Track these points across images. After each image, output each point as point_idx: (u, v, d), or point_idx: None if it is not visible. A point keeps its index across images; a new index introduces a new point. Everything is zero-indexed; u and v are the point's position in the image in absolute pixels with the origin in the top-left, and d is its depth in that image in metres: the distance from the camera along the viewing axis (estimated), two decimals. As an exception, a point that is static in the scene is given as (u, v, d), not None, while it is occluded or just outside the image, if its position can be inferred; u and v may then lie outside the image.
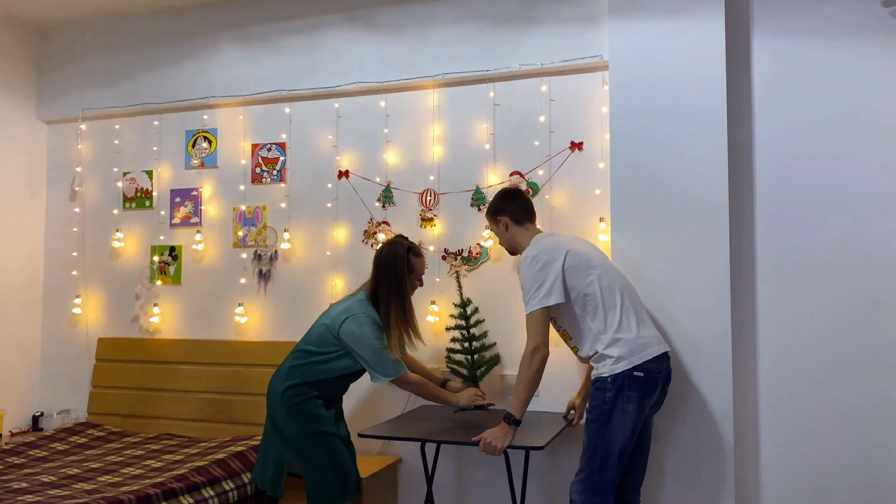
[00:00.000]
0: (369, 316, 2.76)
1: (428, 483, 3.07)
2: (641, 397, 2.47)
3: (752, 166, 2.99)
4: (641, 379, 2.46)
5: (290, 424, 2.74)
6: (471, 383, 3.17)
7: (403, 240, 2.90)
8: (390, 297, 2.78)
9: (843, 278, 2.86)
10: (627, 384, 2.44)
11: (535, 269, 2.52)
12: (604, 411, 2.46)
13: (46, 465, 3.21)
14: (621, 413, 2.44)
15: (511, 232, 2.79)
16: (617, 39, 3.04)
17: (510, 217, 2.78)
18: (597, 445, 2.46)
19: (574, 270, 2.53)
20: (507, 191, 2.89)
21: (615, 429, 2.44)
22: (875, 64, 2.86)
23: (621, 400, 2.44)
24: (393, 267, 2.80)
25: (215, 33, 3.91)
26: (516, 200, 2.81)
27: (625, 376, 2.44)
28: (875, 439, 2.80)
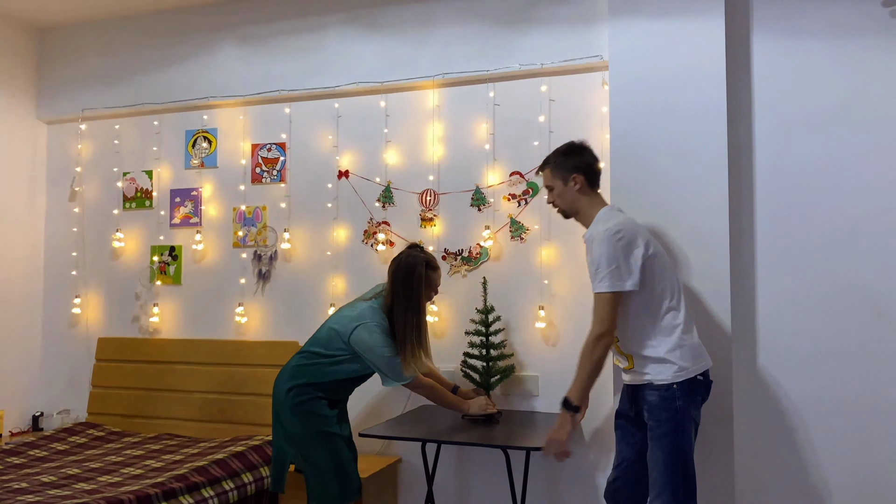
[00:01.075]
0: (381, 326, 2.73)
1: (428, 483, 3.07)
2: (702, 402, 2.38)
3: (752, 166, 2.99)
4: (702, 383, 2.35)
5: (293, 422, 2.74)
6: (482, 389, 3.16)
7: (420, 252, 2.83)
8: (406, 312, 2.73)
9: (843, 277, 2.86)
10: (693, 389, 2.32)
11: (617, 245, 2.27)
12: (677, 421, 2.29)
13: (46, 465, 3.21)
14: (690, 420, 2.31)
15: (582, 193, 2.48)
16: (617, 39, 3.04)
17: (586, 177, 2.48)
18: (676, 459, 2.28)
19: (656, 260, 2.33)
20: (580, 145, 2.55)
21: (690, 438, 2.30)
22: (875, 64, 2.86)
23: (691, 406, 2.31)
24: (410, 283, 2.74)
25: (215, 33, 3.91)
26: (593, 158, 2.52)
27: (689, 382, 2.30)
28: (875, 439, 2.80)
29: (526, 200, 3.33)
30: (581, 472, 3.16)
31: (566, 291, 3.24)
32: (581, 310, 3.19)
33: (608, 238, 2.29)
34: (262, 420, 3.60)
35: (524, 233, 3.32)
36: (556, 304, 3.25)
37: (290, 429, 2.75)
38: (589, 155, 2.52)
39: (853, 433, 2.83)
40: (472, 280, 3.38)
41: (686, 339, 2.34)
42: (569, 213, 2.56)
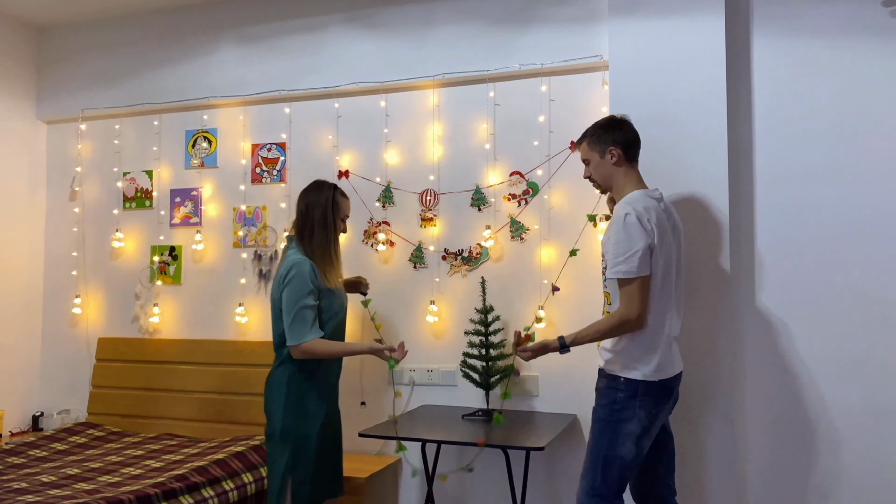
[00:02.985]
0: (305, 263, 2.66)
1: (428, 483, 3.07)
2: (660, 406, 2.35)
3: (752, 165, 2.99)
4: (657, 385, 2.32)
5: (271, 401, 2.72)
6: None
7: (328, 182, 2.85)
8: (315, 239, 2.73)
9: (843, 278, 2.86)
10: (646, 391, 2.31)
11: (633, 230, 2.25)
12: (613, 411, 2.32)
13: (46, 465, 3.21)
14: (632, 418, 2.30)
15: (621, 166, 2.44)
16: (617, 39, 3.04)
17: (623, 150, 2.43)
18: (600, 448, 2.32)
19: (660, 258, 2.31)
20: (619, 119, 2.50)
21: (621, 434, 2.30)
22: (875, 64, 2.86)
23: (636, 406, 2.30)
24: (317, 204, 2.75)
25: (215, 33, 3.91)
26: (631, 132, 2.47)
27: (641, 383, 2.30)
28: (875, 439, 2.80)
29: (526, 200, 3.33)
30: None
31: (566, 291, 3.24)
32: (580, 309, 3.19)
33: (621, 221, 2.27)
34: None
35: (524, 233, 3.32)
36: (555, 304, 3.25)
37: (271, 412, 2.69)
38: (628, 129, 2.48)
39: (855, 432, 2.82)
40: (473, 280, 3.38)
41: (654, 346, 2.32)
42: (604, 188, 2.54)
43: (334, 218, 2.78)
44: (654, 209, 2.34)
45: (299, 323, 2.62)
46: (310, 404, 2.70)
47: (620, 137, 2.44)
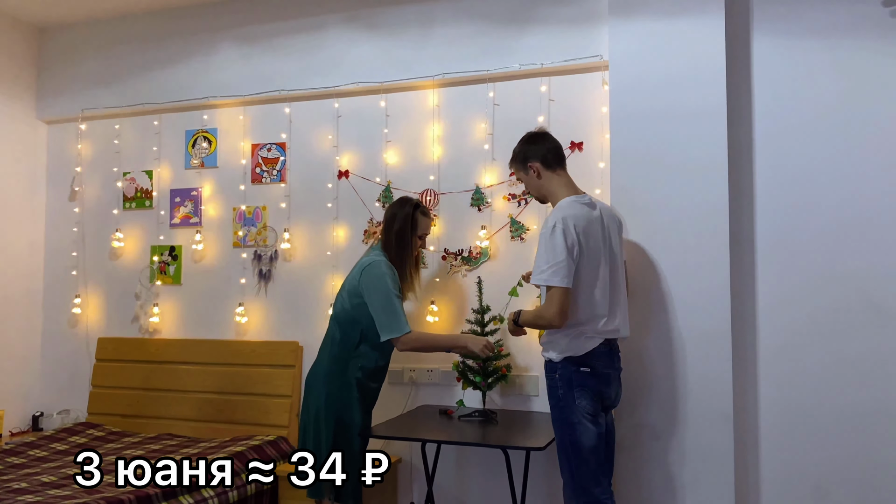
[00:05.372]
0: (385, 262, 2.83)
1: (428, 483, 3.07)
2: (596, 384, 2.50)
3: (752, 166, 2.99)
4: (589, 374, 2.47)
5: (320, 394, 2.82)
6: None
7: (412, 199, 3.02)
8: (394, 249, 2.88)
9: (843, 278, 2.86)
10: (579, 375, 2.47)
11: (558, 241, 2.36)
12: (560, 408, 2.48)
13: (46, 465, 3.21)
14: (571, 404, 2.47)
15: (543, 179, 2.58)
16: (617, 39, 3.04)
17: (541, 162, 2.58)
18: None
19: (582, 257, 2.42)
20: (533, 134, 2.67)
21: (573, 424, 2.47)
22: (875, 64, 2.86)
23: (574, 392, 2.45)
24: (398, 221, 2.90)
25: (215, 33, 3.91)
26: (546, 143, 2.61)
27: (571, 368, 2.47)
28: (875, 439, 2.80)
29: (526, 200, 3.33)
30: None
31: (566, 291, 3.24)
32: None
33: (550, 234, 2.38)
34: (262, 420, 3.60)
35: (524, 233, 3.32)
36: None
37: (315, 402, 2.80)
38: (543, 141, 2.61)
39: (855, 432, 2.82)
40: (473, 280, 3.38)
41: (577, 328, 2.44)
42: (541, 200, 2.69)
43: (411, 234, 2.91)
44: (581, 216, 2.45)
45: (396, 315, 2.75)
46: (354, 399, 2.81)
47: (537, 152, 2.58)
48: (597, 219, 2.52)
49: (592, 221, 2.48)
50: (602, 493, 2.44)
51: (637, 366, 2.90)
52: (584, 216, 2.46)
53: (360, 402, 2.82)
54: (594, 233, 2.47)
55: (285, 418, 3.55)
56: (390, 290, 2.77)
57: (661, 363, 2.90)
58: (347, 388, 2.79)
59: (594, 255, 2.46)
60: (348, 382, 2.80)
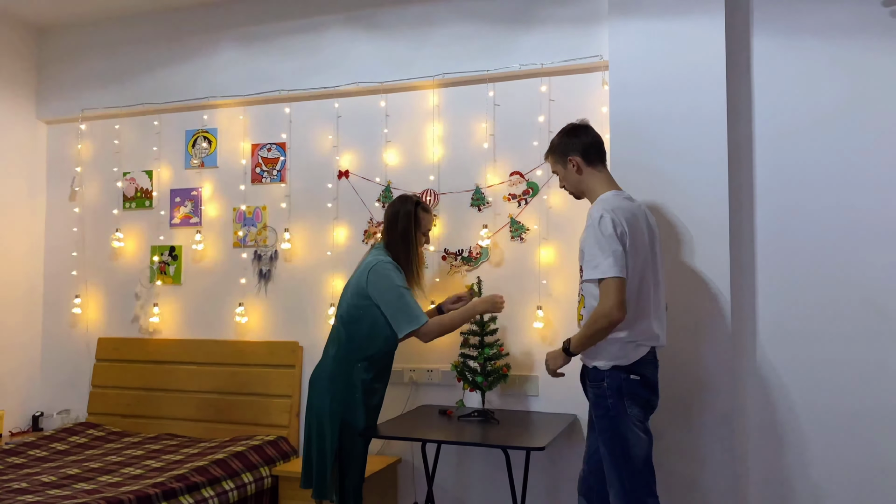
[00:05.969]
0: (390, 262, 2.82)
1: (428, 483, 3.07)
2: (646, 398, 2.45)
3: (752, 166, 2.99)
4: (637, 382, 2.41)
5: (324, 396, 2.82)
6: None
7: (412, 196, 3.01)
8: (398, 247, 2.87)
9: (843, 278, 2.86)
10: (630, 386, 2.40)
11: (608, 232, 2.27)
12: (611, 418, 2.38)
13: (46, 465, 3.21)
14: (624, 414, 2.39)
15: (584, 175, 2.48)
16: (617, 39, 3.04)
17: (581, 156, 2.47)
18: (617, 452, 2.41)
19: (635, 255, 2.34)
20: (575, 126, 2.55)
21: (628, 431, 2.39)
22: (875, 64, 2.86)
23: (625, 402, 2.38)
24: (401, 219, 2.89)
25: (215, 33, 3.91)
26: (588, 136, 2.50)
27: (623, 378, 2.38)
28: (875, 440, 2.80)
29: (526, 200, 3.33)
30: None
31: (564, 292, 3.24)
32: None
33: (599, 225, 2.29)
34: (262, 420, 3.60)
35: (524, 233, 3.32)
36: (554, 305, 3.25)
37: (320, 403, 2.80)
38: (584, 134, 2.51)
39: (854, 433, 2.82)
40: (473, 280, 3.37)
41: (628, 336, 2.35)
42: (577, 195, 2.59)
43: (415, 231, 2.90)
44: (627, 209, 2.38)
45: (410, 308, 2.75)
46: (358, 400, 2.80)
47: (578, 145, 2.48)
48: (642, 214, 2.45)
49: (637, 216, 2.40)
50: (655, 503, 2.39)
51: (637, 366, 2.90)
52: (630, 209, 2.39)
53: (364, 404, 2.81)
54: (640, 228, 2.38)
55: (285, 418, 3.55)
56: (400, 287, 2.76)
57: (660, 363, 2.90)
58: (352, 389, 2.78)
59: (641, 251, 2.37)
60: (353, 384, 2.79)
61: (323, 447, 2.75)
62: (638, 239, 2.36)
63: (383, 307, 2.76)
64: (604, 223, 2.29)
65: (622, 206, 2.38)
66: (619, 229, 2.30)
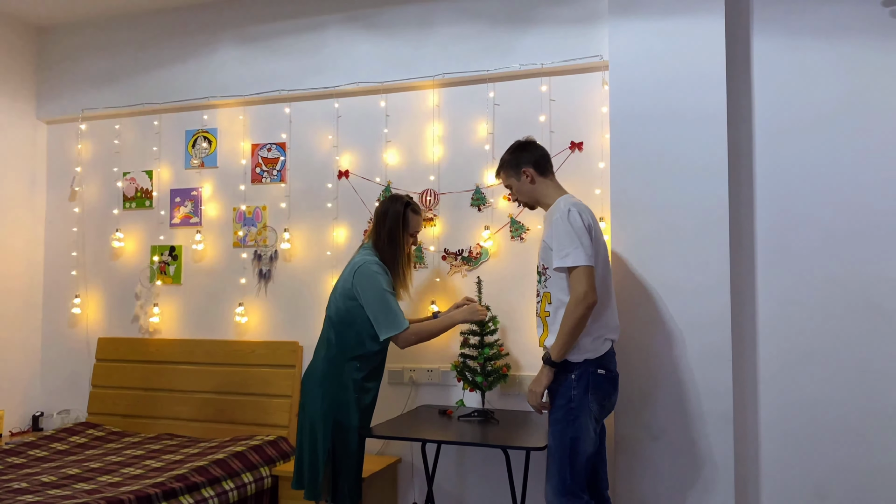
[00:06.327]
0: (376, 262, 2.81)
1: (428, 483, 3.07)
2: (607, 395, 2.53)
3: (752, 166, 2.99)
4: (604, 377, 2.49)
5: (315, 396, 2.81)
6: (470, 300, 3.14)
7: (404, 196, 2.98)
8: (385, 247, 2.86)
9: (843, 277, 2.86)
10: (596, 381, 2.47)
11: (577, 224, 2.39)
12: (570, 409, 2.44)
13: (46, 465, 3.21)
14: (586, 409, 2.46)
15: (538, 184, 2.63)
16: (617, 39, 3.04)
17: (534, 167, 2.62)
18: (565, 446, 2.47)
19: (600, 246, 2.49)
20: (522, 142, 2.71)
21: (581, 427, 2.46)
22: (875, 64, 2.86)
23: (588, 397, 2.44)
24: (389, 219, 2.87)
25: (215, 33, 3.91)
26: (537, 149, 2.67)
27: (590, 373, 2.45)
28: (875, 439, 2.80)
29: (526, 200, 3.33)
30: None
31: (566, 291, 3.24)
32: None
33: (568, 217, 2.40)
34: (261, 420, 3.60)
35: (524, 232, 3.32)
36: (556, 304, 3.25)
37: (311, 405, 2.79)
38: (534, 148, 2.67)
39: (855, 432, 2.82)
40: (473, 280, 3.38)
41: (595, 330, 2.44)
42: (532, 205, 2.71)
43: (403, 232, 2.88)
44: (587, 208, 2.52)
45: (392, 312, 2.75)
46: (351, 399, 2.79)
47: (529, 158, 2.63)
48: (594, 215, 2.59)
49: (594, 215, 2.55)
50: (589, 500, 2.44)
51: (637, 366, 2.90)
52: (589, 209, 2.53)
53: (357, 404, 2.80)
54: (598, 226, 2.53)
55: (285, 418, 3.55)
56: (384, 289, 2.76)
57: (660, 363, 2.90)
58: (344, 389, 2.78)
59: (602, 245, 2.52)
60: (345, 384, 2.78)
61: (315, 448, 2.75)
62: (598, 232, 2.51)
63: (367, 309, 2.77)
64: (572, 216, 2.42)
65: (581, 203, 2.53)
66: (587, 222, 2.43)
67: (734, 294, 2.89)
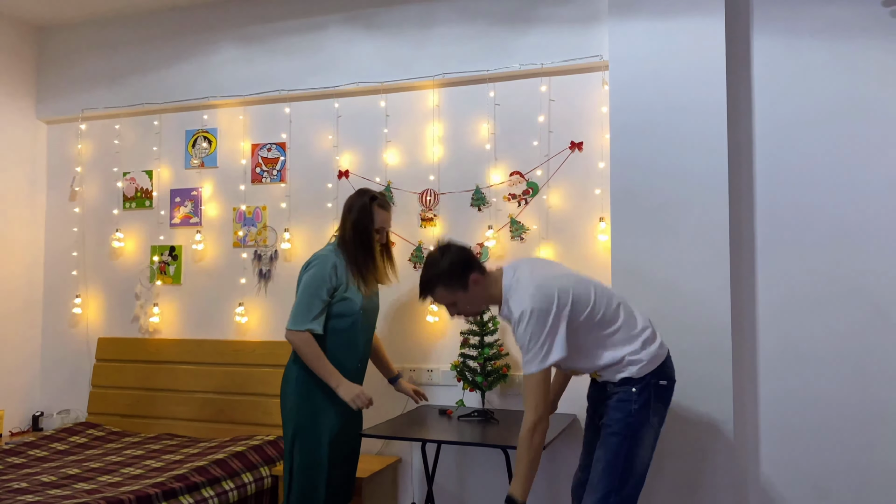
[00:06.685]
0: (325, 260, 2.67)
1: (428, 483, 3.07)
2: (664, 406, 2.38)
3: (752, 166, 2.99)
4: (665, 388, 2.33)
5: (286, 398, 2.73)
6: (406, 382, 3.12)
7: (371, 190, 2.81)
8: (347, 242, 2.72)
9: (843, 276, 2.86)
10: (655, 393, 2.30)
11: (534, 322, 2.16)
12: (629, 423, 2.27)
13: (46, 465, 3.21)
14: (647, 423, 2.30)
15: (485, 284, 2.34)
16: (617, 39, 3.04)
17: (478, 271, 2.34)
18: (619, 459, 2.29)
19: (577, 305, 2.23)
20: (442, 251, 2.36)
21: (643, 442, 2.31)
22: (875, 64, 2.86)
23: (648, 410, 2.28)
24: (353, 213, 2.73)
25: (215, 33, 3.91)
26: (462, 250, 2.37)
27: (649, 385, 2.29)
28: (875, 439, 2.80)
29: (526, 200, 3.33)
30: (581, 472, 3.16)
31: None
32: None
33: (527, 322, 2.16)
34: (261, 420, 3.60)
35: (524, 233, 3.32)
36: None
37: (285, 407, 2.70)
38: (458, 251, 2.36)
39: (855, 432, 2.83)
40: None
41: (639, 345, 2.28)
42: (482, 311, 2.46)
43: (366, 226, 2.73)
44: (526, 281, 2.24)
45: (303, 311, 2.62)
46: (321, 404, 2.67)
47: (464, 263, 2.33)
48: (543, 262, 2.42)
49: (542, 267, 2.33)
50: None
51: (637, 366, 2.90)
52: (531, 278, 2.25)
53: (330, 406, 2.66)
54: (557, 272, 2.31)
55: (285, 418, 3.55)
56: (313, 287, 2.62)
57: (661, 363, 2.90)
58: (313, 391, 2.66)
59: (581, 298, 2.25)
60: (312, 387, 2.66)
61: (286, 454, 2.70)
62: (568, 288, 2.24)
63: (297, 295, 2.65)
64: (529, 321, 2.16)
65: (527, 282, 2.23)
66: (545, 311, 2.17)
67: (734, 294, 2.90)
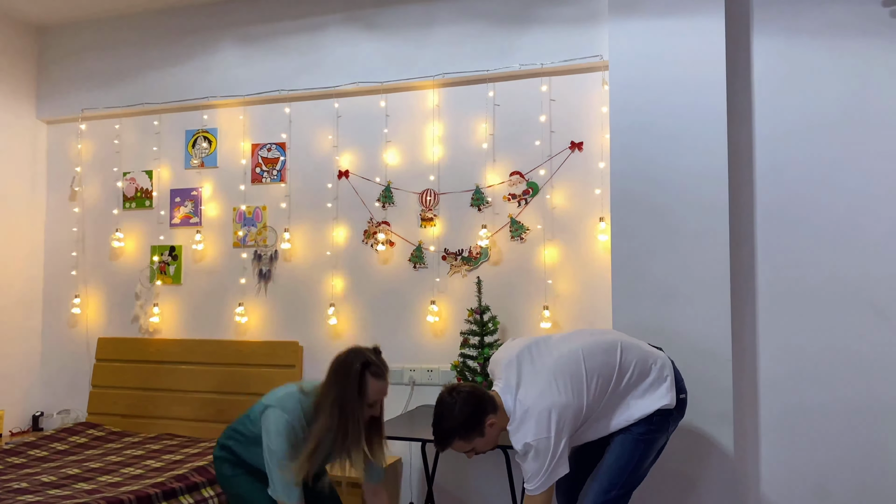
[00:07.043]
0: (293, 417, 2.27)
1: (428, 483, 3.07)
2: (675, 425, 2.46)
3: (752, 166, 2.99)
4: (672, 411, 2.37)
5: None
6: None
7: (367, 352, 2.31)
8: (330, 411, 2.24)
9: (843, 278, 2.86)
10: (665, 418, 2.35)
11: (540, 455, 2.15)
12: (640, 442, 2.32)
13: (46, 465, 3.21)
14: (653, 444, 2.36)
15: (498, 421, 2.24)
16: (617, 39, 3.04)
17: (491, 412, 2.23)
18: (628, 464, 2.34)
19: (577, 412, 2.22)
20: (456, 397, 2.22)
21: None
22: (875, 64, 2.86)
23: (660, 434, 2.36)
24: (340, 380, 2.26)
25: (215, 33, 3.91)
26: (474, 391, 2.25)
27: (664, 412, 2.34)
28: (875, 439, 2.80)
29: (526, 200, 3.33)
30: (581, 472, 3.16)
31: (569, 291, 3.24)
32: (585, 309, 3.19)
33: (533, 454, 2.15)
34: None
35: (524, 233, 3.32)
36: (560, 304, 3.25)
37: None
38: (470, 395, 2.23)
39: (855, 431, 2.83)
40: (473, 280, 3.38)
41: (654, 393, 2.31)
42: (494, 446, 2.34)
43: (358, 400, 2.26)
44: (523, 408, 2.20)
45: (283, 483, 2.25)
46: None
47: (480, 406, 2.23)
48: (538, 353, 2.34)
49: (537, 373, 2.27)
50: None
51: (637, 366, 2.90)
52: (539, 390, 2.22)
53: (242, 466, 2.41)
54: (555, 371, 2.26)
55: (285, 418, 3.55)
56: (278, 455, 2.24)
57: (661, 363, 2.90)
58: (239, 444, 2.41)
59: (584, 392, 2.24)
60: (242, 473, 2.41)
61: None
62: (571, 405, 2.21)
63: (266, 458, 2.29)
64: (535, 450, 2.16)
65: (540, 398, 2.19)
66: (550, 436, 2.15)
67: (734, 293, 2.90)
